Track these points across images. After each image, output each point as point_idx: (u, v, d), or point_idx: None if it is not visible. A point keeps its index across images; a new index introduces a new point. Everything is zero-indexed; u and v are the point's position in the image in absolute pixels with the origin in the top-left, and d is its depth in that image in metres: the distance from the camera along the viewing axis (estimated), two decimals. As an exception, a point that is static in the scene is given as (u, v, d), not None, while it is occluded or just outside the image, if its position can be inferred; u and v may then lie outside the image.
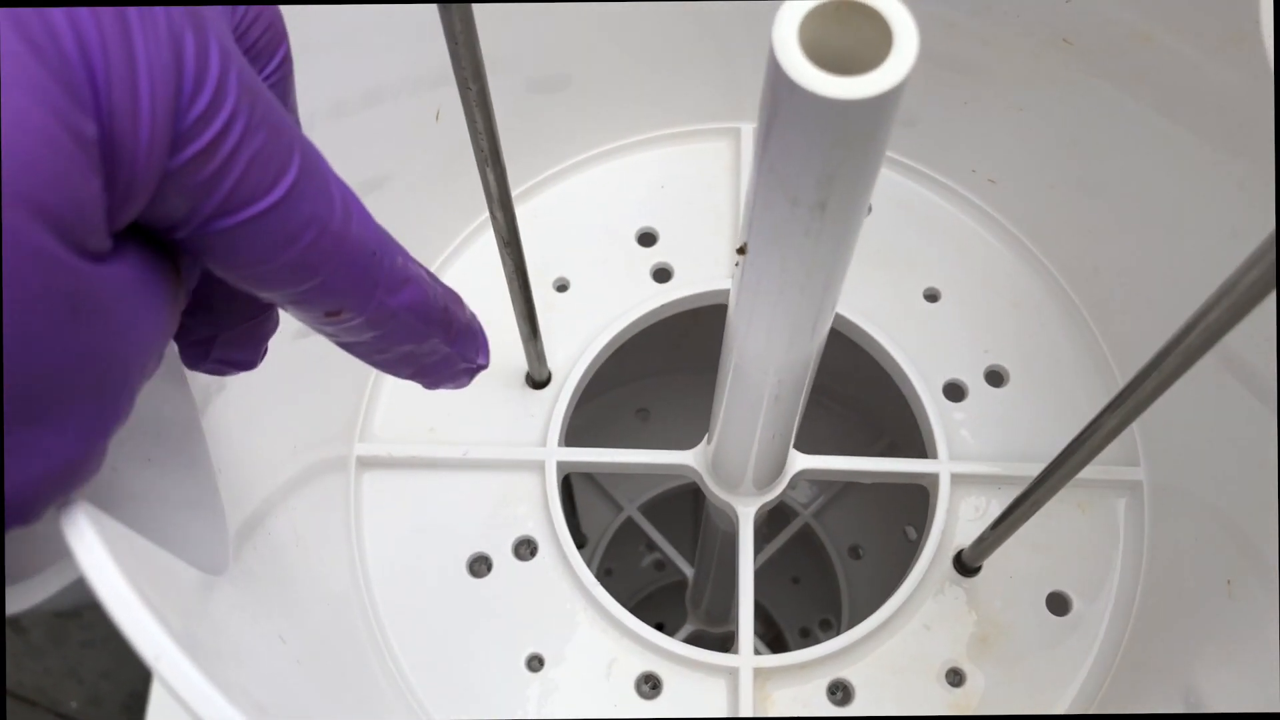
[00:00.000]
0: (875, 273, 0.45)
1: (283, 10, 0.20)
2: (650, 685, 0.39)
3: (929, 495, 0.41)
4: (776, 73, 0.19)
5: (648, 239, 0.46)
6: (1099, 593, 0.40)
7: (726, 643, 0.55)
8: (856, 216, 0.23)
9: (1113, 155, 0.40)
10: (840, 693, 0.39)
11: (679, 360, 0.61)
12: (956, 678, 0.39)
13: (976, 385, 0.43)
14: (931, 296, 0.45)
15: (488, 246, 0.45)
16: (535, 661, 0.39)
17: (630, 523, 0.68)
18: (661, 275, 0.45)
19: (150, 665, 0.16)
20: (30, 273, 0.14)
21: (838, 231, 0.23)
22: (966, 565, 0.39)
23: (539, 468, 0.41)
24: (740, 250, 0.26)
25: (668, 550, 0.66)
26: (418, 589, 0.40)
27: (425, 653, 0.39)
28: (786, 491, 0.41)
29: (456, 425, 0.42)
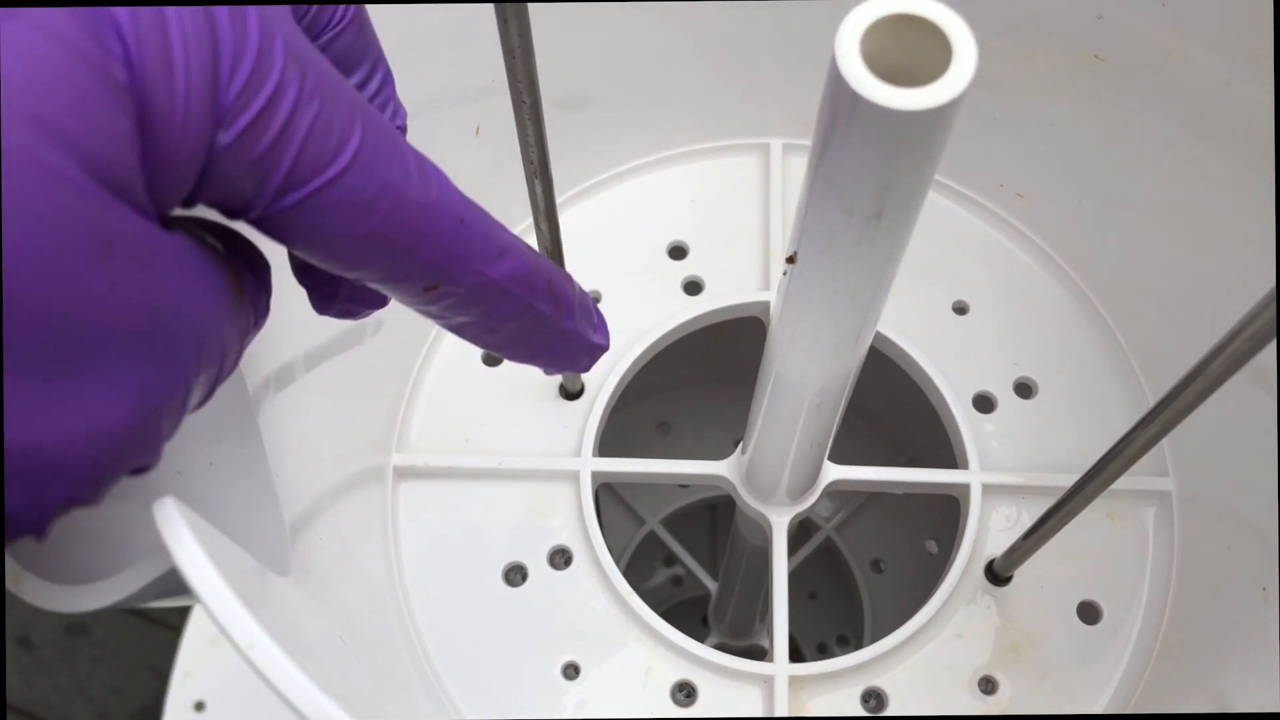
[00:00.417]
0: (904, 285, 0.45)
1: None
2: (685, 693, 0.39)
3: (959, 506, 0.42)
4: (838, 84, 0.20)
5: (678, 252, 0.47)
6: (1130, 602, 0.40)
7: (750, 656, 0.55)
8: (910, 226, 0.24)
9: (1141, 170, 0.41)
10: (874, 700, 0.39)
11: (701, 374, 0.62)
12: (989, 686, 0.39)
13: (1006, 397, 0.44)
14: (960, 309, 0.45)
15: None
16: (571, 669, 0.39)
17: (647, 539, 0.68)
18: (692, 288, 0.46)
19: (243, 654, 0.16)
20: (42, 195, 0.13)
21: (891, 241, 0.24)
22: (998, 575, 0.40)
23: (574, 478, 0.42)
24: (790, 259, 0.26)
25: (689, 564, 0.66)
26: (454, 598, 0.40)
27: (462, 661, 0.39)
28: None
29: (491, 436, 0.43)
